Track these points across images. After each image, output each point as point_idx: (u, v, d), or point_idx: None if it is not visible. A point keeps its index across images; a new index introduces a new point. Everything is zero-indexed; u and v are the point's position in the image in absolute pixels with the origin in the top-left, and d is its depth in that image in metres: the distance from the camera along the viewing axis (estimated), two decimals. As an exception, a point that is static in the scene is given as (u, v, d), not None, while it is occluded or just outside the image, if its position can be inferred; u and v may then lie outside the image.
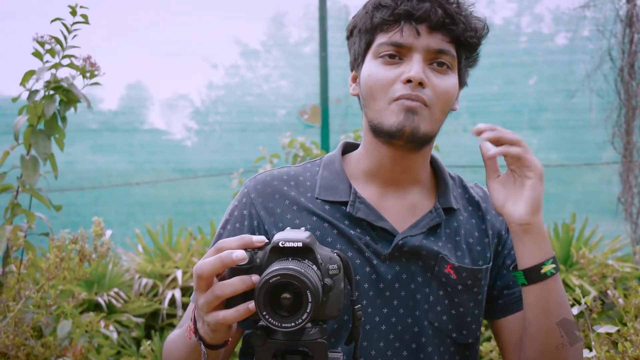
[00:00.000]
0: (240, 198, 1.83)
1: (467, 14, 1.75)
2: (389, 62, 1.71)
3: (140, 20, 6.89)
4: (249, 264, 1.37)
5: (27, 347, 2.78)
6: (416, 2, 1.68)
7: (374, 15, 1.72)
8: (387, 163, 1.78)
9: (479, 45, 1.81)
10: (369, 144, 1.80)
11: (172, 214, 6.17)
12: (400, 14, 1.68)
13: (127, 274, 5.25)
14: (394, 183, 1.81)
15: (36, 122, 2.96)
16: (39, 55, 2.93)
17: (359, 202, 1.77)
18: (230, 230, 1.81)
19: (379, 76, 1.71)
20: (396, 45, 1.69)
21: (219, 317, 1.37)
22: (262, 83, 7.50)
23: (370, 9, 1.75)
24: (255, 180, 1.85)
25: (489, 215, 1.88)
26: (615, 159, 5.49)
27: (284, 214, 1.78)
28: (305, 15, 7.05)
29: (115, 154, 7.08)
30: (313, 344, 1.34)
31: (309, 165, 1.89)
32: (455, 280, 1.78)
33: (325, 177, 1.82)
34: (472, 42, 1.77)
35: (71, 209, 6.24)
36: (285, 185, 1.82)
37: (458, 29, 1.71)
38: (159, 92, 7.33)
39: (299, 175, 1.85)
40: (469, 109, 6.72)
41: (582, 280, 4.49)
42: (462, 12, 1.73)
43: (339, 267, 1.41)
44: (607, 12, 5.38)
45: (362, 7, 1.79)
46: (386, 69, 1.71)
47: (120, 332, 4.62)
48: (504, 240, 1.88)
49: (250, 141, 6.74)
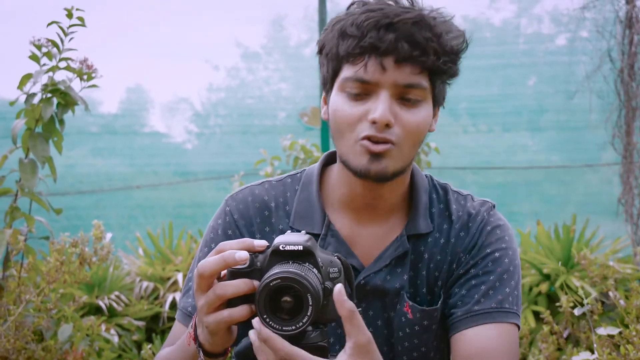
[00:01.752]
0: (224, 217, 1.78)
1: (441, 37, 1.59)
2: (355, 98, 1.60)
3: (139, 22, 6.89)
4: (249, 267, 1.37)
5: (28, 351, 2.77)
6: (383, 32, 1.55)
7: (340, 44, 1.60)
8: (359, 192, 1.70)
9: (457, 65, 1.67)
10: (341, 173, 1.73)
11: (173, 217, 6.17)
12: (365, 46, 1.55)
13: (128, 277, 5.25)
14: (367, 209, 1.73)
15: (34, 125, 2.95)
16: (36, 58, 2.92)
17: (331, 235, 1.72)
18: (212, 238, 1.77)
19: (345, 113, 1.60)
20: (362, 82, 1.58)
21: (223, 315, 1.36)
22: (263, 85, 7.51)
23: (336, 35, 1.62)
24: (236, 199, 1.79)
25: (454, 239, 1.75)
26: (615, 160, 5.49)
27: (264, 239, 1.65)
28: (305, 18, 7.07)
29: (115, 157, 7.09)
30: (314, 347, 1.33)
31: (289, 181, 1.81)
32: (411, 320, 1.71)
33: (301, 202, 1.76)
34: (447, 67, 1.62)
35: (71, 213, 6.24)
36: (266, 209, 1.77)
37: (429, 59, 1.57)
38: (159, 95, 7.34)
39: (279, 196, 1.78)
40: (469, 111, 6.73)
41: (583, 282, 4.49)
42: (434, 37, 1.58)
43: (339, 270, 1.40)
44: (606, 13, 5.38)
45: (331, 26, 1.65)
46: (352, 105, 1.60)
47: (121, 335, 4.62)
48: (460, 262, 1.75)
49: (251, 144, 6.74)
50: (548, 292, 4.74)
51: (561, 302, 3.01)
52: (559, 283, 4.60)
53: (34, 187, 2.92)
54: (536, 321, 4.50)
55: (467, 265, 1.71)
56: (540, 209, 6.62)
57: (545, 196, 6.76)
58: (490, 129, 6.81)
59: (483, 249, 1.72)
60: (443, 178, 1.90)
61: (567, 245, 4.86)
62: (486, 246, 1.72)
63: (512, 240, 1.75)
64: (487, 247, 1.72)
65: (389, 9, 1.59)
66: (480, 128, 6.81)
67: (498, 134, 6.80)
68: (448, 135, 6.60)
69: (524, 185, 6.72)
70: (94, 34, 3.03)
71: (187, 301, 1.74)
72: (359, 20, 1.57)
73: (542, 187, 6.74)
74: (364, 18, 1.57)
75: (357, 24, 1.57)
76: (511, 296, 1.68)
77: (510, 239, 1.75)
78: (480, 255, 1.71)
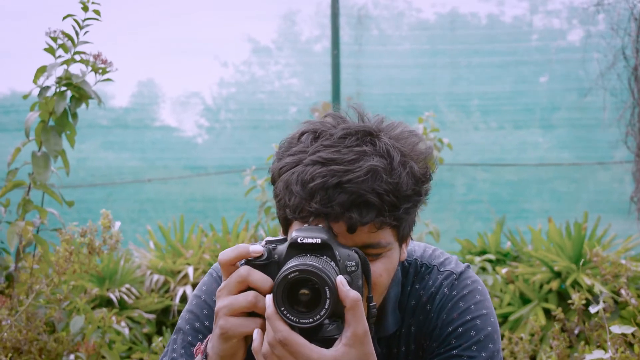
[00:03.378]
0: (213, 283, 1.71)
1: (399, 185, 1.45)
2: None
3: (152, 17, 6.90)
4: (267, 260, 1.37)
5: (40, 342, 2.78)
6: (331, 194, 1.40)
7: (286, 202, 1.46)
8: None
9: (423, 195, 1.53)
10: None
11: (184, 211, 6.18)
12: (312, 212, 1.41)
13: (139, 271, 5.26)
14: None
15: (47, 118, 2.96)
16: (51, 50, 2.93)
17: None
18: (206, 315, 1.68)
19: None
20: None
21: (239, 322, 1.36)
22: (274, 80, 7.50)
23: (281, 189, 1.47)
24: None
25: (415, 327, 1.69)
26: (628, 158, 5.47)
27: None
28: (317, 13, 7.05)
29: (126, 150, 7.10)
30: (330, 340, 1.33)
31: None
32: None
33: None
34: (410, 210, 1.49)
35: (82, 206, 6.25)
36: None
37: (386, 217, 1.43)
38: (170, 89, 7.34)
39: None
40: (480, 108, 6.71)
41: (594, 280, 4.48)
42: (390, 188, 1.43)
43: (357, 264, 1.40)
44: (620, 11, 5.36)
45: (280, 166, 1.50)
46: None
47: (131, 328, 4.63)
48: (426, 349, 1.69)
49: (261, 138, 6.74)
50: (559, 289, 4.72)
51: (573, 299, 3.00)
52: (570, 281, 4.58)
53: (47, 180, 2.93)
54: (547, 318, 4.49)
55: (431, 349, 1.65)
56: (551, 207, 6.59)
57: (556, 194, 6.73)
58: (502, 126, 6.79)
59: (444, 329, 1.64)
60: (454, 174, 1.87)
61: (578, 243, 4.85)
62: (447, 325, 1.64)
63: (479, 306, 1.65)
64: (448, 325, 1.64)
65: (339, 157, 1.42)
66: (491, 125, 6.79)
67: (509, 131, 6.78)
68: (459, 132, 6.58)
69: (535, 182, 6.70)
70: (106, 28, 3.04)
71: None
72: (306, 177, 1.42)
73: (553, 185, 6.72)
74: (309, 176, 1.42)
75: (302, 181, 1.42)
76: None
77: (478, 305, 1.65)
78: (442, 335, 1.64)
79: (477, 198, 6.57)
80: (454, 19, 6.85)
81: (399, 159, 1.45)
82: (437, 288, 1.67)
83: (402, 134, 1.52)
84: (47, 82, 2.95)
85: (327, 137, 1.47)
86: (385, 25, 7.01)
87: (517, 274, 4.84)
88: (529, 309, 4.65)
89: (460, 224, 6.52)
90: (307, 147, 1.46)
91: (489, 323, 1.63)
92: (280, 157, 1.51)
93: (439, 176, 6.44)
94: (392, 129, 1.52)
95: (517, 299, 4.78)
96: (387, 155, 1.45)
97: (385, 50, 6.83)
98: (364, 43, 6.64)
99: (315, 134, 1.49)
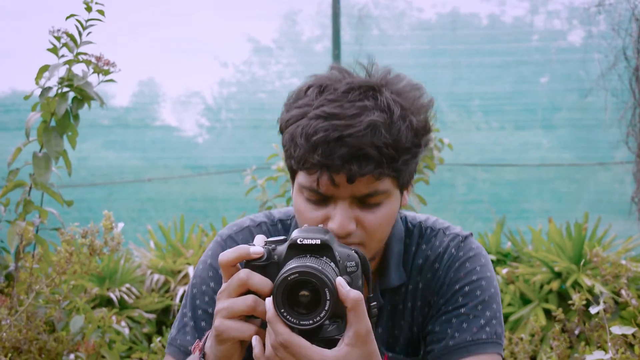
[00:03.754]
0: (218, 247, 1.76)
1: (398, 138, 1.51)
2: (313, 203, 1.57)
3: (152, 17, 6.90)
4: (266, 261, 1.37)
5: (39, 341, 2.78)
6: (332, 146, 1.48)
7: (291, 149, 1.54)
8: None
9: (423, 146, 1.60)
10: None
11: (184, 211, 6.18)
12: (315, 163, 1.49)
13: (139, 270, 5.26)
14: None
15: (49, 119, 2.96)
16: (54, 50, 2.92)
17: None
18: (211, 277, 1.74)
19: (306, 216, 1.58)
20: (317, 193, 1.54)
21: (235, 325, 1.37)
22: (275, 80, 7.50)
23: (287, 139, 1.56)
24: (230, 236, 1.78)
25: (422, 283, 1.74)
26: (628, 158, 5.47)
27: None
28: (318, 13, 7.05)
29: (127, 150, 7.11)
30: (330, 341, 1.33)
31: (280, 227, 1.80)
32: None
33: None
34: (410, 162, 1.56)
35: (83, 205, 6.26)
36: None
37: (385, 169, 1.50)
38: (170, 88, 7.35)
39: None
40: (482, 108, 6.71)
41: (594, 280, 4.48)
42: (390, 141, 1.50)
43: (356, 264, 1.40)
44: (622, 11, 5.36)
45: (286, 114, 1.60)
46: (312, 209, 1.57)
47: (131, 328, 4.63)
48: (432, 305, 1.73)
49: (262, 138, 6.74)
50: (559, 290, 4.72)
51: (574, 300, 3.00)
52: (570, 281, 4.58)
53: (47, 181, 2.93)
54: (547, 319, 4.49)
55: (438, 305, 1.69)
56: (552, 207, 6.59)
57: (557, 194, 6.73)
58: (503, 127, 6.80)
59: (451, 286, 1.69)
60: (454, 174, 1.91)
61: (578, 244, 4.84)
62: (454, 283, 1.69)
63: (484, 269, 1.71)
64: (455, 283, 1.69)
65: (341, 112, 1.50)
66: (492, 125, 6.79)
67: (510, 132, 6.78)
68: (460, 132, 6.58)
69: (535, 183, 6.70)
70: (107, 27, 3.03)
71: (185, 338, 1.70)
72: (309, 131, 1.50)
73: (554, 185, 6.72)
74: (312, 130, 1.49)
75: (306, 134, 1.50)
76: (488, 326, 1.65)
77: (483, 268, 1.70)
78: (449, 293, 1.69)
79: (478, 198, 6.57)
80: (455, 19, 6.85)
81: (399, 113, 1.52)
82: (444, 248, 1.72)
83: (405, 87, 1.57)
84: (49, 83, 2.94)
85: (331, 91, 1.54)
86: (386, 25, 7.01)
87: (518, 274, 4.83)
88: (529, 310, 4.65)
89: (460, 224, 6.49)
90: (312, 101, 1.54)
91: (493, 285, 1.69)
92: (288, 109, 1.59)
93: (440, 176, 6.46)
94: (395, 82, 1.58)
95: (517, 299, 4.78)
96: (388, 109, 1.51)
97: (386, 50, 6.82)
98: (365, 43, 6.64)
99: (320, 88, 1.56)
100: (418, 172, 4.86)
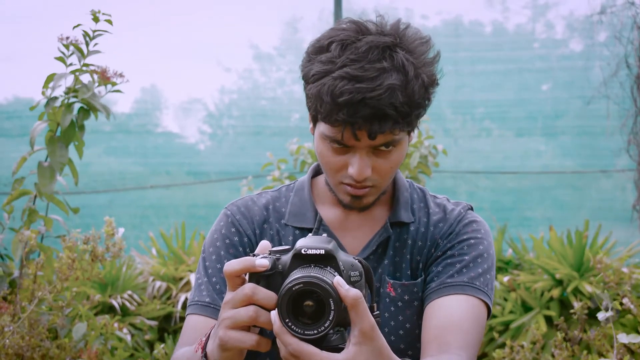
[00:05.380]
0: (225, 219, 1.91)
1: (413, 94, 1.67)
2: (334, 150, 1.73)
3: (153, 23, 6.91)
4: (271, 271, 1.37)
5: (42, 348, 2.79)
6: (358, 106, 1.63)
7: (316, 100, 1.68)
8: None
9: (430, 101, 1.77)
10: None
11: (186, 217, 6.18)
12: (339, 119, 1.65)
13: (141, 277, 5.26)
14: None
15: (55, 128, 2.96)
16: (62, 59, 2.92)
17: (323, 229, 1.87)
18: (220, 247, 1.87)
19: (328, 160, 1.76)
20: (339, 143, 1.71)
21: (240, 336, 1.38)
22: (276, 87, 7.51)
23: (313, 92, 1.69)
24: (236, 204, 1.93)
25: (432, 227, 1.88)
26: (630, 166, 5.47)
27: (263, 235, 1.89)
28: (320, 20, 7.07)
29: (129, 156, 7.11)
30: (334, 349, 1.34)
31: (284, 189, 1.97)
32: (394, 297, 1.82)
33: (294, 203, 1.93)
34: (420, 115, 1.73)
35: (85, 211, 6.23)
36: (265, 210, 1.92)
37: (401, 124, 1.67)
38: (172, 95, 7.36)
39: (275, 200, 1.94)
40: (485, 115, 6.72)
41: (595, 287, 4.48)
42: (407, 100, 1.66)
43: (360, 274, 1.40)
44: (623, 19, 5.37)
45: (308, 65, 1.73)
46: (333, 155, 1.74)
47: (133, 334, 4.63)
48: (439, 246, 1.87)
49: (264, 145, 6.74)
50: (560, 297, 4.73)
51: (576, 308, 3.00)
52: (571, 288, 4.58)
53: (52, 191, 2.93)
54: (548, 326, 4.49)
55: (445, 248, 1.83)
56: (553, 215, 6.60)
57: (558, 202, 6.74)
58: (505, 134, 6.80)
59: (460, 235, 1.85)
60: (456, 182, 1.99)
61: (579, 251, 4.85)
62: (463, 234, 1.85)
63: (487, 235, 1.87)
64: (464, 234, 1.85)
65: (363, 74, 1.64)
66: (495, 132, 6.80)
67: (512, 139, 6.79)
68: (463, 139, 6.59)
69: (537, 190, 6.70)
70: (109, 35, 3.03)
71: (201, 294, 1.82)
72: (335, 92, 1.64)
73: (555, 193, 6.72)
74: (338, 91, 1.64)
75: (332, 94, 1.65)
76: (482, 277, 1.79)
77: (486, 233, 1.87)
78: (456, 240, 1.84)
79: (479, 205, 6.56)
80: (458, 26, 6.86)
81: (413, 73, 1.67)
82: (452, 208, 1.91)
83: (415, 44, 1.73)
84: (54, 92, 2.94)
85: (352, 50, 1.67)
86: (388, 32, 7.00)
87: (519, 281, 4.84)
88: (531, 317, 4.65)
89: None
90: (336, 59, 1.68)
91: (492, 252, 1.86)
92: (310, 59, 1.74)
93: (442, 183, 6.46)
94: (407, 38, 1.73)
95: (518, 306, 4.78)
96: (403, 69, 1.67)
97: (388, 57, 6.81)
98: (367, 50, 6.63)
99: (342, 45, 1.69)
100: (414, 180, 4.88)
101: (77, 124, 2.97)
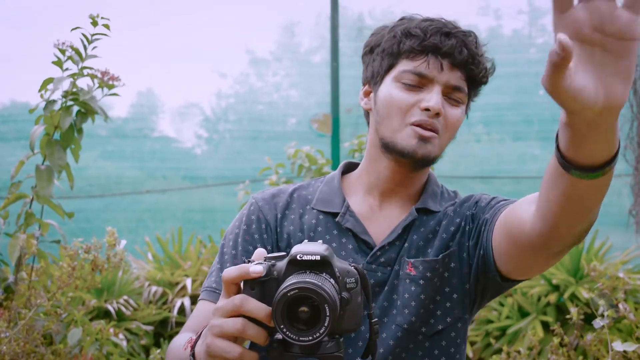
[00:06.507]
0: (249, 206, 1.99)
1: (482, 56, 1.87)
2: (409, 88, 1.82)
3: (151, 27, 6.90)
4: (266, 276, 1.37)
5: (37, 354, 2.78)
6: (444, 37, 1.80)
7: (403, 41, 1.83)
8: (388, 176, 1.91)
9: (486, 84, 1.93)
10: (373, 158, 1.93)
11: (182, 222, 6.18)
12: (428, 46, 1.80)
13: (137, 282, 5.25)
14: (390, 195, 1.94)
15: (52, 132, 2.96)
16: (59, 63, 2.92)
17: (349, 214, 1.91)
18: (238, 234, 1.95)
19: (399, 99, 1.82)
20: (420, 76, 1.81)
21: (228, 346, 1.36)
22: (273, 91, 7.51)
23: (398, 34, 1.85)
24: (263, 193, 2.02)
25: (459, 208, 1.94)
26: (626, 171, 5.48)
27: (284, 219, 1.95)
28: (317, 25, 7.06)
29: (125, 161, 7.09)
30: (329, 357, 1.33)
31: (313, 181, 2.05)
32: (415, 276, 1.85)
33: (323, 191, 1.98)
34: (483, 81, 1.90)
35: (80, 216, 6.24)
36: (289, 197, 1.99)
37: (476, 69, 1.84)
38: (169, 99, 7.34)
39: (302, 189, 2.02)
40: (482, 119, 6.71)
41: (592, 293, 4.48)
42: (479, 53, 1.85)
43: (356, 280, 1.40)
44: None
45: (389, 30, 1.89)
46: (406, 93, 1.82)
47: (129, 340, 4.62)
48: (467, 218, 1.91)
49: (261, 149, 6.74)
50: (557, 302, 4.72)
51: (572, 314, 3.00)
52: (568, 294, 4.58)
53: (49, 194, 2.93)
54: (545, 332, 4.49)
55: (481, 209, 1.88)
56: (549, 219, 6.58)
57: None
58: (501, 138, 6.80)
59: (481, 202, 1.91)
60: (453, 187, 2.02)
61: (576, 257, 4.85)
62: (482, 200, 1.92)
63: None
64: (483, 200, 1.91)
65: (445, 21, 1.85)
66: (491, 137, 6.80)
67: (509, 143, 6.79)
68: (459, 144, 6.58)
69: (533, 195, 6.69)
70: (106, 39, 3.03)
71: (210, 280, 1.89)
72: (423, 25, 1.83)
73: (551, 197, 6.71)
74: (427, 24, 1.83)
75: (421, 27, 1.82)
76: None
77: None
78: (486, 201, 1.90)
79: (476, 210, 6.55)
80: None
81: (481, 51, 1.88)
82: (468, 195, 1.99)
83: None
84: (52, 96, 2.94)
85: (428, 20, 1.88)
86: (384, 37, 7.01)
87: (515, 287, 4.83)
88: (527, 322, 4.65)
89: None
90: (405, 21, 1.88)
91: None
92: (380, 32, 1.92)
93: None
94: None
95: (515, 312, 4.78)
96: (475, 42, 1.86)
97: (384, 61, 6.82)
98: (364, 55, 6.64)
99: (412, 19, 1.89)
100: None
101: (76, 127, 2.97)
